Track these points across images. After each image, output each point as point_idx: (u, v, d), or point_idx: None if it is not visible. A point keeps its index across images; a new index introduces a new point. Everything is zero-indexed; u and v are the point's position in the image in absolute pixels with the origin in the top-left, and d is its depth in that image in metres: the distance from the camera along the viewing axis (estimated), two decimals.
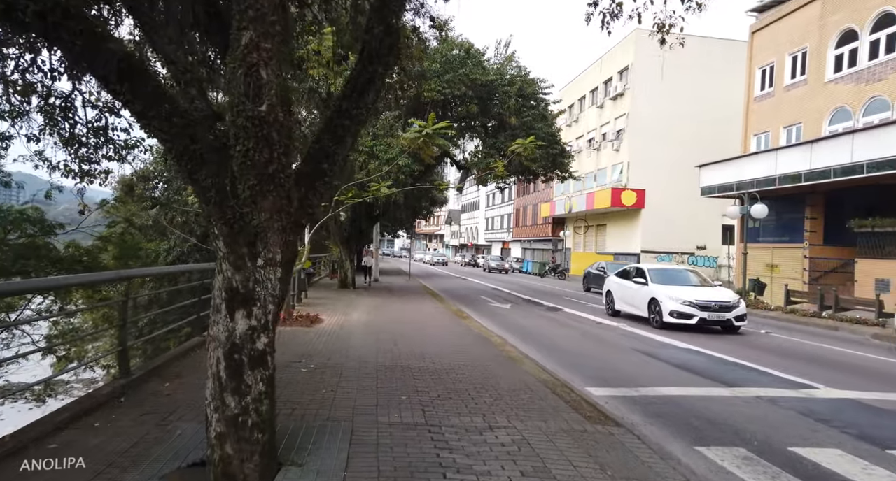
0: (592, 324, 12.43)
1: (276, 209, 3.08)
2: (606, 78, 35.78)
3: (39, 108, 6.01)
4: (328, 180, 3.43)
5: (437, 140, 9.80)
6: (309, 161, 3.40)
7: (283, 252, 3.22)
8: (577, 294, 21.90)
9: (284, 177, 3.03)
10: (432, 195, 25.42)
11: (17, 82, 5.79)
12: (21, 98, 5.89)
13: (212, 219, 3.19)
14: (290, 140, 3.26)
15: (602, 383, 6.72)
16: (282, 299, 3.35)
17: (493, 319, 12.69)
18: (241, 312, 3.19)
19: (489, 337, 9.36)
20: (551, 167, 19.01)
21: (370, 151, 14.19)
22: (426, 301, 15.61)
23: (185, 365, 6.04)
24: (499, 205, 61.13)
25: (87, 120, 6.34)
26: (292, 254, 3.31)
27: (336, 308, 12.61)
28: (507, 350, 8.20)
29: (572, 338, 10.38)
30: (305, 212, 3.33)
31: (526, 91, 16.56)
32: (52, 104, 6.16)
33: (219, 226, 3.16)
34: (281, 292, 3.31)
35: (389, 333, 9.05)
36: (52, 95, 6.09)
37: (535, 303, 17.08)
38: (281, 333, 8.56)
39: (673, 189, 31.78)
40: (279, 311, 3.36)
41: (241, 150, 2.85)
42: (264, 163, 2.90)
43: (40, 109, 6.05)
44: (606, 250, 36.34)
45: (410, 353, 7.39)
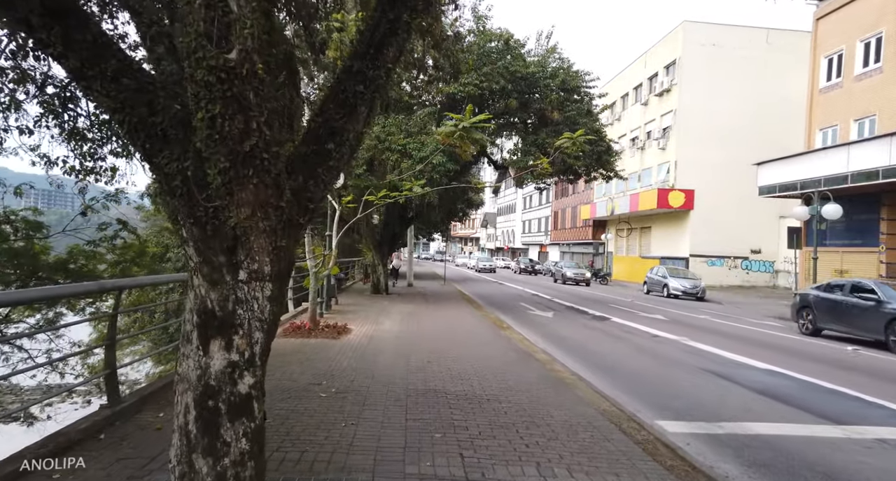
0: (648, 336, 11.23)
1: (260, 203, 2.23)
2: (651, 73, 34.10)
3: (35, 96, 5.43)
4: (334, 165, 2.56)
5: (474, 134, 8.86)
6: (309, 139, 2.54)
7: (273, 261, 2.37)
8: (623, 301, 20.54)
9: (269, 157, 2.17)
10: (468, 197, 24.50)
11: (7, 69, 5.21)
12: (15, 87, 5.31)
13: (179, 217, 2.36)
14: (287, 111, 2.42)
15: (674, 415, 5.64)
16: (273, 324, 2.50)
17: (536, 330, 11.66)
18: (217, 343, 2.36)
19: (533, 352, 8.36)
20: (596, 166, 17.79)
21: (403, 150, 13.41)
22: (462, 308, 14.70)
23: None
24: (536, 207, 59.68)
25: (89, 111, 5.74)
26: (286, 264, 2.45)
27: (367, 316, 11.84)
28: (556, 369, 7.20)
29: (627, 353, 9.25)
30: (303, 208, 2.47)
31: (569, 84, 15.45)
32: (50, 93, 5.57)
33: (187, 227, 2.34)
34: (272, 315, 2.45)
35: (422, 347, 8.17)
36: (51, 83, 5.49)
37: (580, 312, 15.92)
38: (305, 346, 7.83)
39: (724, 189, 29.89)
40: (269, 341, 2.51)
41: (204, 118, 2.01)
42: (238, 136, 2.05)
43: (37, 99, 5.47)
44: (651, 254, 34.56)
45: (446, 373, 6.49)
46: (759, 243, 31.11)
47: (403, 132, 13.71)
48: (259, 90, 2.05)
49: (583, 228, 44.96)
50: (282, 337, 8.42)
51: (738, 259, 31.26)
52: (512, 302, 18.73)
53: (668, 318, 14.72)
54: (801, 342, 11.31)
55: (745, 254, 31.29)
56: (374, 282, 17.72)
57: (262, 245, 2.31)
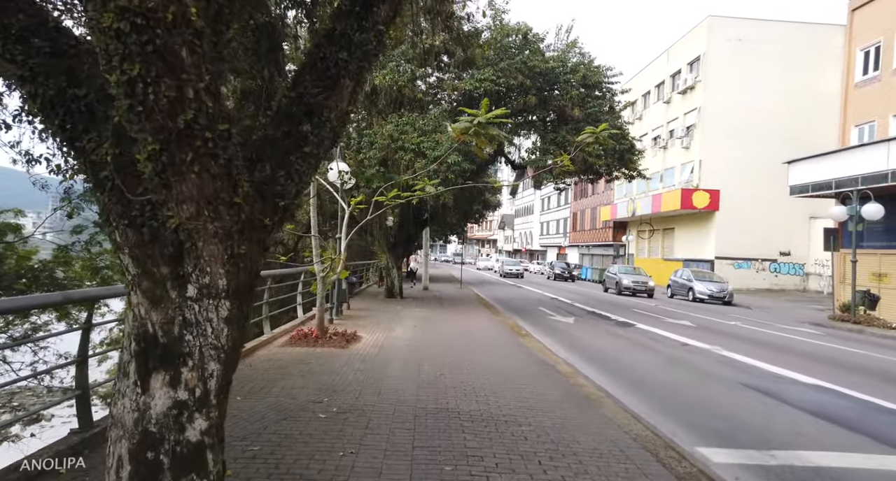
0: (677, 345, 10.52)
1: (207, 198, 1.72)
2: (674, 70, 33.13)
3: None
4: (311, 152, 2.04)
5: (490, 130, 8.27)
6: (279, 120, 2.02)
7: (229, 273, 1.85)
8: (647, 305, 19.73)
9: (215, 138, 1.65)
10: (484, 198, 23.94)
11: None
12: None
13: (111, 217, 1.86)
14: (266, 92, 1.92)
15: (718, 440, 5.00)
16: (234, 352, 1.98)
17: (556, 337, 11.04)
18: (160, 377, 1.86)
19: (555, 363, 7.75)
20: (618, 165, 17.09)
21: (417, 149, 12.91)
22: (478, 313, 14.12)
23: None
24: (554, 208, 58.77)
25: None
26: (248, 276, 1.93)
27: (379, 322, 11.35)
28: (580, 383, 6.59)
29: (657, 365, 8.58)
30: (270, 206, 1.95)
31: (590, 80, 14.79)
32: None
33: (121, 230, 1.83)
34: (230, 341, 1.93)
35: (435, 358, 7.63)
36: None
37: (602, 317, 15.21)
38: (310, 357, 7.35)
39: (751, 189, 28.83)
40: (228, 373, 1.99)
41: (120, 83, 1.50)
42: (167, 107, 1.54)
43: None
44: (674, 256, 33.55)
45: (460, 388, 5.93)
46: (789, 245, 29.93)
47: (417, 131, 13.21)
48: (196, 46, 1.53)
49: (603, 230, 44.01)
50: (287, 346, 7.97)
51: (766, 261, 30.11)
52: (530, 306, 18.09)
53: (697, 325, 13.95)
54: (846, 352, 10.49)
55: (774, 256, 30.13)
56: (387, 285, 17.24)
57: (214, 252, 1.79)
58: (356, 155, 13.42)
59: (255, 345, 7.66)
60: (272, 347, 7.80)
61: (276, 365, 6.67)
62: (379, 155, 13.32)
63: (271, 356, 7.22)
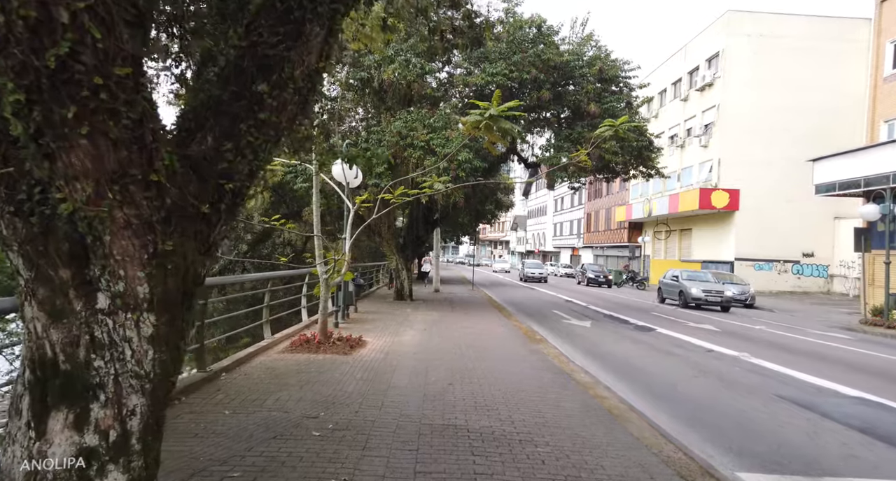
0: (702, 351, 9.91)
1: (111, 174, 1.25)
2: (692, 67, 32.31)
3: None
4: (268, 120, 1.56)
5: (502, 124, 7.78)
6: (226, 77, 1.55)
7: (152, 277, 1.38)
8: (664, 308, 19.04)
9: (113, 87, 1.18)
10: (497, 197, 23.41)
11: None
12: None
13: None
14: None
15: (759, 463, 4.45)
16: (163, 381, 1.51)
17: (573, 343, 10.49)
18: (61, 416, 1.40)
19: (572, 372, 7.22)
20: (635, 163, 16.48)
21: (426, 146, 12.45)
22: (490, 316, 13.60)
23: None
24: (568, 209, 58.01)
25: None
26: (182, 282, 1.46)
27: (386, 326, 10.89)
28: (600, 395, 6.06)
29: (682, 373, 7.99)
30: (212, 188, 1.48)
31: (607, 74, 14.23)
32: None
33: (6, 221, 1.37)
34: (159, 367, 1.47)
35: (444, 366, 7.14)
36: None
37: (620, 321, 14.61)
38: (310, 364, 6.91)
39: (772, 188, 27.97)
40: (159, 408, 1.52)
41: None
42: (27, 37, 1.08)
43: None
44: (692, 257, 32.69)
45: (469, 401, 5.44)
46: (812, 246, 28.97)
47: (427, 127, 12.75)
48: None
49: (618, 230, 43.21)
50: (287, 352, 7.53)
51: (789, 263, 29.16)
52: (545, 308, 17.52)
53: (721, 329, 13.29)
54: (885, 360, 9.80)
55: (796, 257, 29.17)
56: (397, 287, 16.79)
57: (129, 250, 1.33)
58: (364, 153, 12.98)
59: (254, 351, 7.24)
60: (271, 354, 7.37)
61: (273, 373, 6.23)
62: (387, 153, 12.88)
63: (269, 363, 6.78)
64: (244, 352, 7.08)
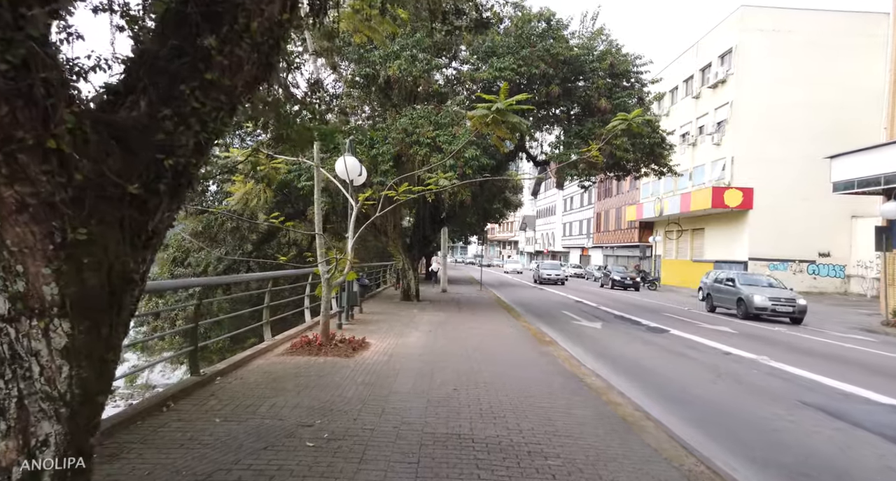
0: (718, 354, 9.53)
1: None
2: (704, 64, 31.77)
3: None
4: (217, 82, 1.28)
5: (510, 118, 7.44)
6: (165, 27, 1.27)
7: (63, 275, 1.10)
8: (677, 309, 18.60)
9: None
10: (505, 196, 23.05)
11: None
12: None
13: None
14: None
15: (787, 476, 4.11)
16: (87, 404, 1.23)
17: (584, 345, 10.15)
18: None
19: (584, 375, 6.89)
20: (646, 160, 16.10)
21: (433, 143, 12.16)
22: (498, 317, 13.29)
23: (143, 431, 4.17)
24: (577, 209, 57.50)
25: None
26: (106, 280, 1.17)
27: (391, 327, 10.61)
28: (614, 400, 5.74)
29: (698, 377, 7.63)
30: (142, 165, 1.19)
31: (618, 68, 13.86)
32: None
33: None
34: (79, 386, 1.18)
35: (449, 369, 6.84)
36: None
37: (631, 322, 14.23)
38: (310, 368, 6.64)
39: (787, 187, 27.39)
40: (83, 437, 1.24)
41: None
42: None
43: None
44: (704, 257, 32.14)
45: (475, 407, 5.14)
46: (828, 245, 28.33)
47: (433, 124, 12.46)
48: None
49: (628, 230, 42.68)
50: (287, 354, 7.27)
51: (804, 263, 28.53)
52: (554, 309, 17.16)
53: (737, 331, 12.87)
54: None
55: (812, 257, 28.55)
56: (403, 288, 16.51)
57: (27, 238, 1.05)
58: (368, 151, 12.73)
59: (252, 353, 6.99)
60: (270, 356, 7.11)
61: (270, 377, 5.97)
62: (392, 150, 12.61)
63: (267, 367, 6.52)
64: (242, 355, 6.84)
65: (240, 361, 6.48)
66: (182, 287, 10.83)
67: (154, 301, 14.10)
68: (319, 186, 7.96)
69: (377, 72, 12.77)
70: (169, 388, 5.10)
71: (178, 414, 4.55)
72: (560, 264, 39.37)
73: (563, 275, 33.30)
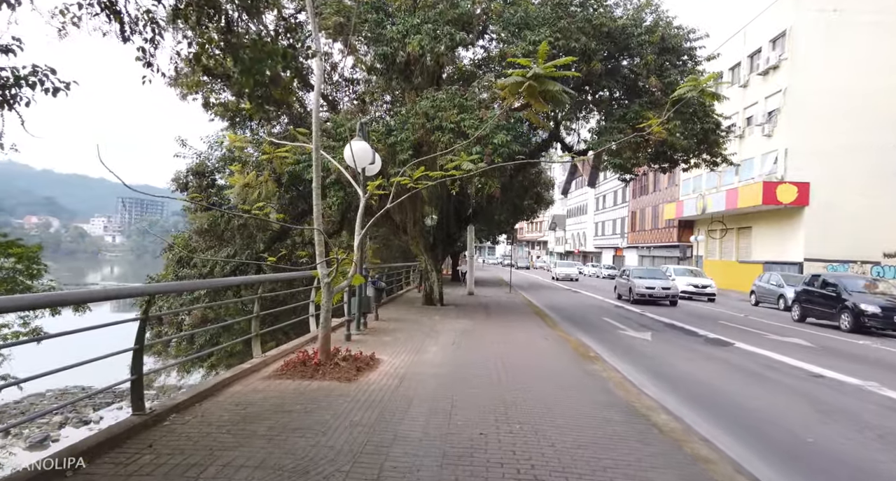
0: (806, 377, 7.78)
1: None
2: (753, 50, 29.43)
3: None
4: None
5: (549, 86, 5.83)
6: None
7: None
8: (733, 315, 16.64)
9: None
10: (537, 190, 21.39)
11: None
12: None
13: None
14: None
15: None
16: None
17: (635, 361, 8.55)
18: None
19: (649, 411, 5.31)
20: (698, 149, 14.30)
21: (456, 129, 10.69)
22: (530, 325, 11.73)
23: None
24: (610, 207, 55.21)
25: None
26: None
27: (409, 338, 9.19)
28: (701, 455, 4.17)
29: (803, 414, 5.94)
30: None
31: (670, 42, 12.14)
32: None
33: None
34: None
35: (474, 399, 5.35)
36: None
37: (685, 331, 12.47)
38: (298, 397, 5.20)
39: (847, 181, 25.01)
40: None
41: None
42: None
43: None
44: (752, 258, 29.80)
45: (511, 467, 3.65)
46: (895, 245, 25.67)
47: (458, 107, 11.00)
48: None
49: (666, 229, 40.36)
50: (275, 377, 5.91)
51: (867, 264, 25.92)
52: (592, 315, 15.49)
53: (815, 344, 11.00)
54: None
55: (876, 257, 25.91)
56: (426, 291, 15.09)
57: None
58: (385, 138, 11.36)
59: (231, 376, 5.65)
60: (253, 380, 5.76)
61: (241, 415, 4.59)
62: (412, 137, 11.20)
63: (243, 396, 5.15)
64: (217, 379, 5.51)
65: (210, 389, 5.13)
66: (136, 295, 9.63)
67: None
68: (319, 172, 6.59)
69: (395, 50, 11.38)
70: (91, 437, 3.75)
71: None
72: (693, 271, 26.14)
73: (707, 289, 23.12)
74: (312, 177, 6.48)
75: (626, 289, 20.66)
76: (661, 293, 19.44)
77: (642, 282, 19.75)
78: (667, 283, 19.88)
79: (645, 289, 19.44)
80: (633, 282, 19.91)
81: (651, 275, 21.12)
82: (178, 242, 14.96)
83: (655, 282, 19.70)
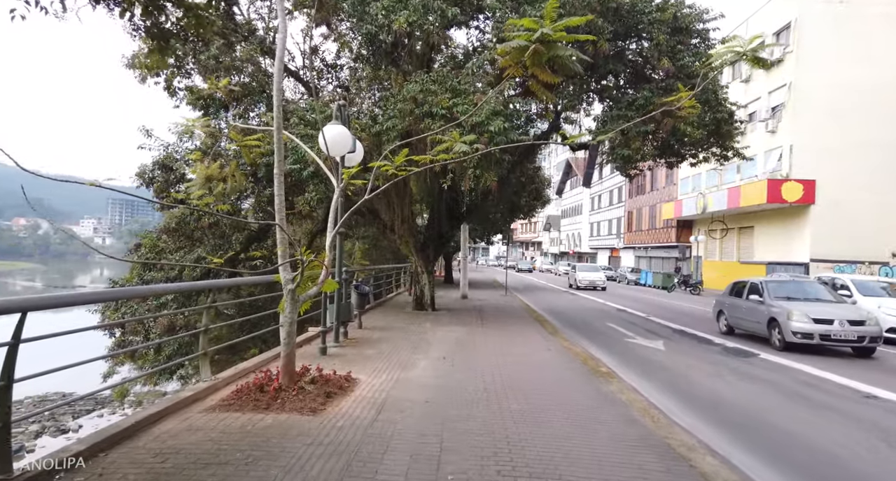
0: (853, 395, 6.71)
1: None
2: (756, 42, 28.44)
3: None
4: None
5: (558, 51, 4.61)
6: None
7: None
8: None
9: None
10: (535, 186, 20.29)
11: None
12: None
13: None
14: None
15: None
16: None
17: (654, 378, 7.45)
18: None
19: (690, 452, 4.19)
20: (709, 142, 13.29)
21: (448, 115, 9.57)
22: (530, 333, 10.61)
23: None
24: (606, 207, 54.25)
25: None
26: None
27: (394, 350, 8.04)
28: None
29: (871, 449, 4.86)
30: None
31: (682, 22, 11.08)
32: None
33: None
34: None
35: (469, 437, 4.22)
36: None
37: (699, 339, 11.40)
38: (241, 441, 3.79)
39: (855, 179, 24.09)
40: None
41: None
42: None
43: None
44: (754, 259, 28.86)
45: None
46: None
47: (450, 91, 9.88)
48: None
49: (664, 229, 39.39)
50: (220, 408, 4.72)
51: (875, 264, 25.04)
52: (595, 320, 14.40)
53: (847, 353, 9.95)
54: None
55: (885, 258, 25.03)
56: (416, 294, 13.93)
57: None
58: (370, 127, 10.22)
59: (164, 409, 4.47)
60: (193, 412, 4.58)
61: (155, 473, 3.42)
62: (400, 125, 10.07)
63: (172, 438, 3.98)
64: (143, 414, 4.33)
65: (128, 429, 3.96)
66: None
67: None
68: (281, 154, 5.45)
69: (380, 28, 10.24)
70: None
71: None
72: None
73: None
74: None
75: (574, 280, 29.01)
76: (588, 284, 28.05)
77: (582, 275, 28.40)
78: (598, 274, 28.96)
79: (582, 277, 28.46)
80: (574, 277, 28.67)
81: (589, 269, 30.03)
82: (145, 242, 13.76)
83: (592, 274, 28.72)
